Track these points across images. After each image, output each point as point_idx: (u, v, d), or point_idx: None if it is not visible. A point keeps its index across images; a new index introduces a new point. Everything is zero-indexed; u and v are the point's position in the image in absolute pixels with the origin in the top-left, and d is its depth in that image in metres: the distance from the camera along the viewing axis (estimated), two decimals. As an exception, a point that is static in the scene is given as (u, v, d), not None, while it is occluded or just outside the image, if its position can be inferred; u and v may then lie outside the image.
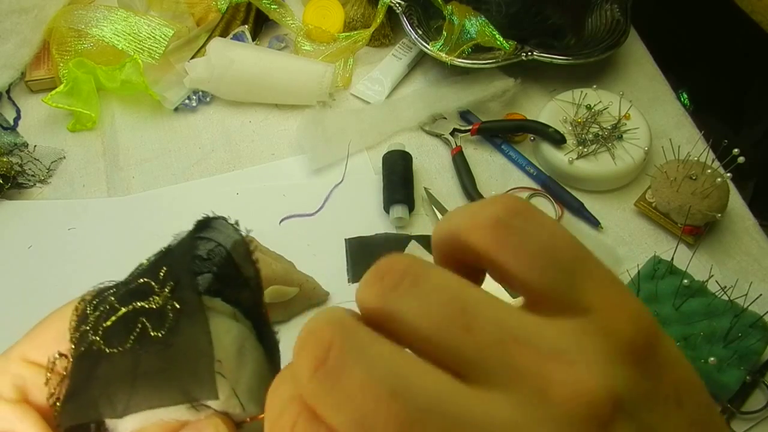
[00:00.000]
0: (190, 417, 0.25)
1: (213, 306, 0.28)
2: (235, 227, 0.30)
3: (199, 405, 0.25)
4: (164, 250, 0.28)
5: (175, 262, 0.27)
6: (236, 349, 0.27)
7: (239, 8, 0.79)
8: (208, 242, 0.29)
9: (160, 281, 0.26)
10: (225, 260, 0.29)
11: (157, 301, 0.26)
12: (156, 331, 0.25)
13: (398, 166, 0.67)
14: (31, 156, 0.70)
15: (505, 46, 0.71)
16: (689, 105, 0.92)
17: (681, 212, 0.61)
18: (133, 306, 0.26)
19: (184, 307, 0.26)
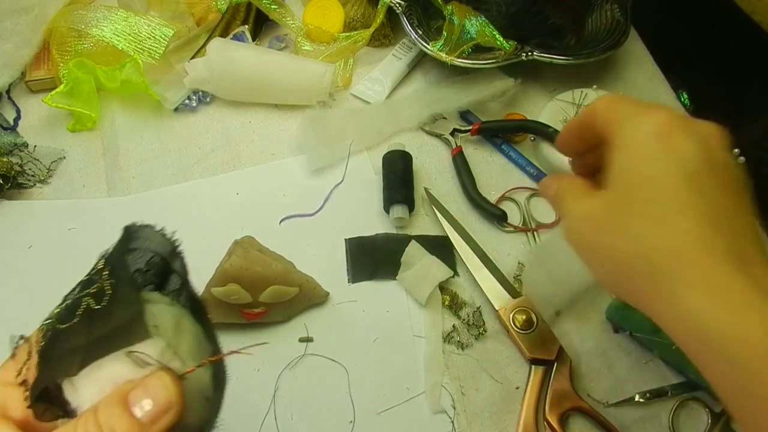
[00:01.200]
0: (137, 374, 0.31)
1: (151, 298, 0.34)
2: (162, 233, 0.35)
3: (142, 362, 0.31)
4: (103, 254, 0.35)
5: (109, 256, 0.34)
6: (173, 324, 0.33)
7: (239, 8, 0.79)
8: (145, 253, 0.36)
9: (97, 272, 0.33)
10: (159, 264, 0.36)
11: (98, 286, 0.32)
12: (98, 305, 0.31)
13: (398, 166, 0.67)
14: (31, 156, 0.70)
15: (505, 46, 0.71)
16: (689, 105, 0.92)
17: (681, 212, 0.61)
18: (78, 293, 0.32)
19: (117, 282, 0.32)
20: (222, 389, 0.34)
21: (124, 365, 0.31)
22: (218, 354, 0.34)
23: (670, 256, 0.34)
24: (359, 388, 0.57)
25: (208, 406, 0.33)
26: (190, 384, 0.32)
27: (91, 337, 0.31)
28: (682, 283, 0.33)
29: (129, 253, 0.35)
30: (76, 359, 0.30)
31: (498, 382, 0.58)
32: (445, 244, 0.64)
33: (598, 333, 0.60)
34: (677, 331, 0.34)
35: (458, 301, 0.61)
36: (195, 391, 0.32)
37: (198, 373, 0.32)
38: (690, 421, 0.56)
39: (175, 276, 0.36)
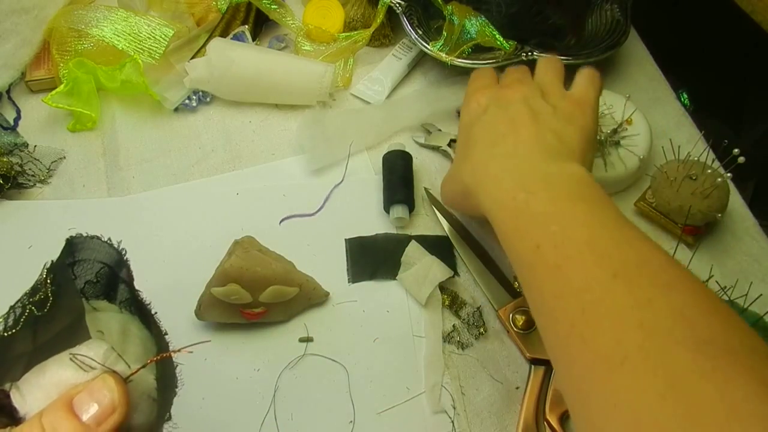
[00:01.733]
0: (81, 378, 0.32)
1: (99, 306, 0.36)
2: (109, 243, 0.37)
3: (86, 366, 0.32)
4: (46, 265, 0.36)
5: (52, 265, 0.35)
6: (120, 330, 0.35)
7: (239, 8, 0.79)
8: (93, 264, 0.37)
9: (43, 282, 0.34)
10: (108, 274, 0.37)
11: (42, 293, 0.33)
12: (40, 311, 0.32)
13: (398, 166, 0.67)
14: (31, 156, 0.70)
15: (505, 46, 0.71)
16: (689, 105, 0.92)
17: (681, 212, 0.61)
18: (21, 302, 0.33)
19: (59, 290, 0.33)
20: (168, 390, 0.34)
21: (67, 369, 0.32)
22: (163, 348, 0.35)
23: (472, 177, 0.53)
24: (359, 388, 0.57)
25: (155, 406, 0.34)
26: (135, 386, 0.33)
27: (36, 344, 0.32)
28: (480, 191, 0.51)
29: (77, 264, 0.37)
30: (21, 365, 0.31)
31: (498, 382, 0.58)
32: (445, 244, 0.64)
33: (598, 333, 0.60)
34: (484, 215, 0.50)
35: (458, 301, 0.61)
36: (140, 393, 0.33)
37: (142, 375, 0.33)
38: (690, 421, 0.56)
39: (122, 285, 0.38)
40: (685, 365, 0.33)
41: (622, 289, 0.38)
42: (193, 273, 0.58)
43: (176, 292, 0.61)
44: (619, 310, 0.37)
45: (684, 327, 0.35)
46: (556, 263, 0.42)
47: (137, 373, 0.33)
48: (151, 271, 0.63)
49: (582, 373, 0.38)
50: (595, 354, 0.37)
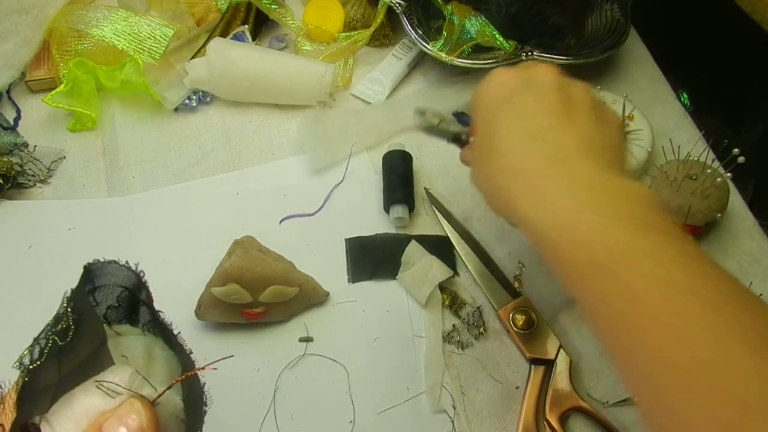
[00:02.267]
0: (109, 405, 0.32)
1: (122, 330, 0.36)
2: (126, 266, 0.37)
3: (112, 392, 0.32)
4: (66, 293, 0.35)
5: (71, 295, 0.35)
6: (145, 353, 0.35)
7: (239, 8, 0.79)
8: (113, 288, 0.37)
9: (64, 311, 0.34)
10: (128, 297, 0.37)
11: (64, 323, 0.33)
12: (63, 341, 0.32)
13: (398, 166, 0.67)
14: (31, 156, 0.70)
15: (505, 46, 0.71)
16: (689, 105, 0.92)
17: (681, 212, 0.61)
18: (45, 333, 0.33)
19: (80, 318, 0.33)
20: (197, 409, 0.35)
21: (95, 397, 0.32)
22: (189, 367, 0.35)
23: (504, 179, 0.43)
24: (359, 388, 0.57)
25: (183, 426, 0.34)
26: (163, 408, 0.33)
27: (62, 374, 0.32)
28: (521, 202, 0.41)
29: (98, 290, 0.37)
30: (48, 396, 0.32)
31: (498, 382, 0.58)
32: (445, 244, 0.64)
33: (598, 333, 0.60)
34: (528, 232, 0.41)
35: (458, 301, 0.61)
36: (168, 414, 0.33)
37: (170, 396, 0.33)
38: (690, 421, 0.56)
39: (143, 307, 0.38)
40: None
41: (748, 353, 0.31)
42: (193, 273, 0.58)
43: (176, 292, 0.61)
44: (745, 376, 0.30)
45: None
46: (664, 318, 0.33)
47: (164, 395, 0.33)
48: (151, 271, 0.63)
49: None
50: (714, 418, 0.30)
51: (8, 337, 0.60)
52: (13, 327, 0.60)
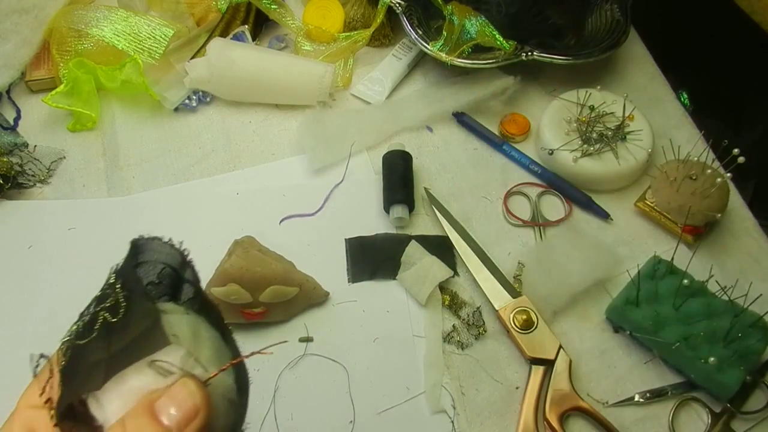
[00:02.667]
0: (160, 383, 0.31)
1: (166, 308, 0.35)
2: (170, 244, 0.37)
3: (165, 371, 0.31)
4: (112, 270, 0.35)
5: (120, 270, 0.34)
6: (191, 333, 0.34)
7: (239, 8, 0.79)
8: (155, 265, 0.37)
9: (110, 287, 0.33)
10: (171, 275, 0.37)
11: (113, 299, 0.32)
12: (114, 318, 0.32)
13: (398, 166, 0.67)
14: (31, 156, 0.70)
15: (505, 46, 0.71)
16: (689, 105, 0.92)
17: (681, 212, 0.61)
18: (94, 308, 0.32)
19: (131, 295, 0.33)
20: (246, 391, 0.34)
21: (147, 376, 0.31)
22: (237, 357, 0.35)
23: None
24: (359, 388, 0.57)
25: (233, 409, 0.34)
26: (214, 389, 0.32)
27: (111, 351, 0.31)
28: None
29: (140, 266, 0.36)
30: (99, 373, 0.31)
31: (498, 382, 0.58)
32: (445, 244, 0.64)
33: (598, 333, 0.60)
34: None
35: (458, 300, 0.61)
36: (219, 396, 0.33)
37: (221, 378, 0.33)
38: (690, 421, 0.56)
39: (187, 285, 0.37)
40: None
41: None
42: (193, 273, 0.58)
43: (176, 292, 0.61)
44: None
45: None
46: None
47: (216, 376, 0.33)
48: (151, 271, 0.63)
49: None
50: None
51: (9, 337, 0.60)
52: (13, 327, 0.60)
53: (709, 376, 0.54)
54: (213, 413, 0.32)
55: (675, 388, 0.57)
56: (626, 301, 0.57)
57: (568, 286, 0.60)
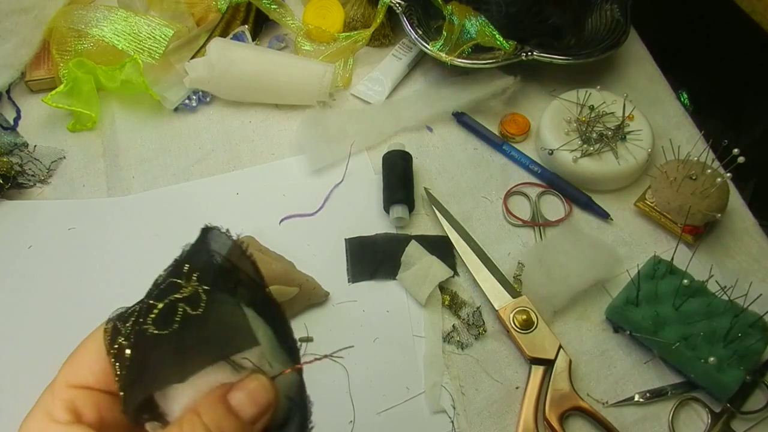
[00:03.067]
0: (233, 378, 0.31)
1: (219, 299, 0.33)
2: (227, 234, 0.35)
3: (239, 366, 0.31)
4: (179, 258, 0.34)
5: (193, 259, 0.33)
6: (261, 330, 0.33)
7: (239, 8, 0.79)
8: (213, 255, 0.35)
9: (184, 276, 0.32)
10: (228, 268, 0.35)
11: (188, 290, 0.31)
12: (194, 311, 0.31)
13: (398, 166, 0.67)
14: (31, 156, 0.70)
15: (505, 46, 0.71)
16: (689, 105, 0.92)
17: (681, 212, 0.61)
18: (169, 299, 0.31)
19: (212, 289, 0.32)
20: (305, 391, 0.34)
21: (224, 370, 0.31)
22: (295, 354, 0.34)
23: None
24: (359, 388, 0.57)
25: (294, 407, 0.34)
26: (279, 386, 0.32)
27: (188, 344, 0.31)
28: None
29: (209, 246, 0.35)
30: (178, 366, 0.30)
31: (498, 382, 0.58)
32: (445, 244, 0.64)
33: (598, 333, 0.60)
34: None
35: (458, 300, 0.61)
36: (282, 394, 0.33)
37: (284, 376, 0.33)
38: (690, 421, 0.56)
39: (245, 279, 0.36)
40: None
41: None
42: (193, 273, 0.58)
43: (176, 292, 0.61)
44: None
45: None
46: None
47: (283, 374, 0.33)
48: (151, 271, 0.63)
49: None
50: None
51: (9, 336, 0.60)
52: (13, 327, 0.60)
53: (709, 376, 0.54)
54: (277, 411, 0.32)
55: (675, 388, 0.57)
56: (626, 301, 0.57)
57: (568, 286, 0.60)
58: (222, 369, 0.31)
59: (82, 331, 0.64)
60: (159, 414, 0.31)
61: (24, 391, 0.57)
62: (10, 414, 0.56)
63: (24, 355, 0.59)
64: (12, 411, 0.56)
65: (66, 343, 0.64)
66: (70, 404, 0.31)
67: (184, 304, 0.31)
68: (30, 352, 0.59)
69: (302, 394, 0.34)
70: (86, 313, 0.61)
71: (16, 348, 0.59)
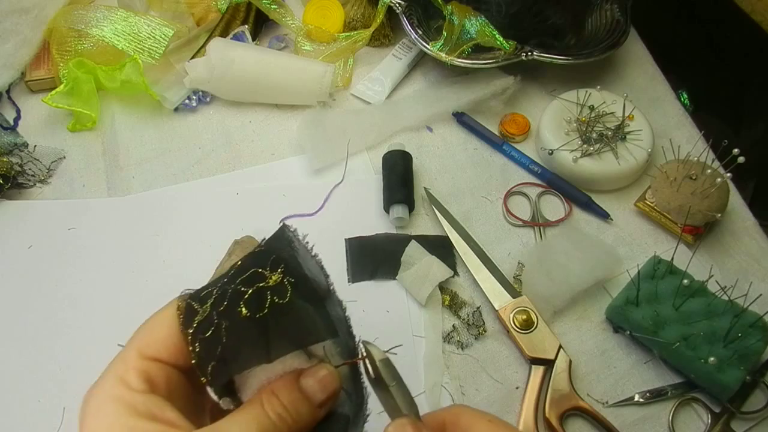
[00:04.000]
0: (305, 365, 0.34)
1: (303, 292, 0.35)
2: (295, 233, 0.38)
3: (312, 355, 0.34)
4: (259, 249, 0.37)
5: (278, 252, 0.36)
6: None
7: (239, 8, 0.79)
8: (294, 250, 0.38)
9: (269, 266, 0.35)
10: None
11: (275, 280, 0.34)
12: (281, 300, 0.33)
13: (398, 166, 0.67)
14: (31, 156, 0.70)
15: (505, 46, 0.71)
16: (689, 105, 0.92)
17: (681, 212, 0.61)
18: (257, 286, 0.34)
19: (297, 281, 0.34)
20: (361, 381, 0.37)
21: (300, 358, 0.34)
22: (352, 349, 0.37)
23: None
24: (359, 388, 0.57)
25: (349, 398, 0.36)
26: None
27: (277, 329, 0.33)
28: None
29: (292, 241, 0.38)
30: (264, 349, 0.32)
31: (498, 382, 0.58)
32: (445, 244, 0.64)
33: (598, 333, 0.60)
34: None
35: (458, 300, 0.61)
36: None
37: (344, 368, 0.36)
38: (690, 421, 0.56)
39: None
40: None
41: None
42: (193, 273, 0.58)
43: (176, 292, 0.61)
44: None
45: None
46: None
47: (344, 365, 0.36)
48: (151, 271, 0.63)
49: None
50: None
51: (9, 336, 0.60)
52: (13, 327, 0.60)
53: (709, 376, 0.54)
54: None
55: (675, 388, 0.57)
56: (626, 301, 0.57)
57: (568, 286, 0.60)
58: (298, 356, 0.34)
59: (81, 331, 0.65)
60: (231, 390, 0.33)
61: (24, 391, 0.57)
62: (9, 414, 0.56)
63: (24, 355, 0.59)
64: (11, 411, 0.56)
65: (66, 343, 0.64)
66: (145, 374, 0.32)
67: (271, 292, 0.33)
68: (30, 352, 0.59)
69: (357, 385, 0.37)
70: (86, 313, 0.61)
71: (16, 348, 0.59)
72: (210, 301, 0.34)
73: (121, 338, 0.60)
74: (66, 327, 0.60)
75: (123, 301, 0.62)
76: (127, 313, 0.60)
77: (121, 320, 0.60)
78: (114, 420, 0.30)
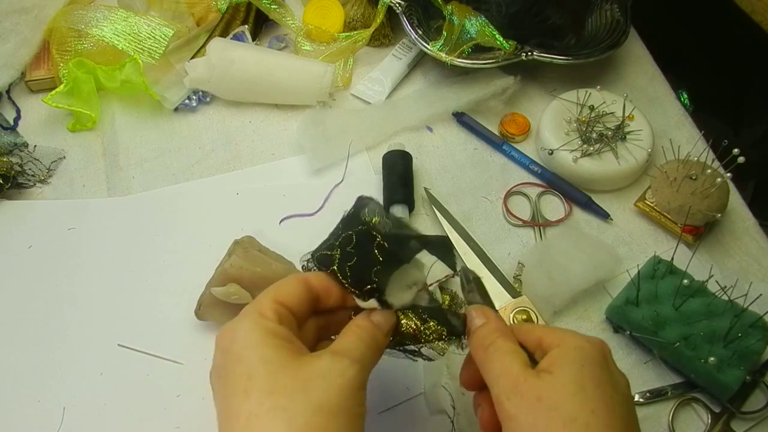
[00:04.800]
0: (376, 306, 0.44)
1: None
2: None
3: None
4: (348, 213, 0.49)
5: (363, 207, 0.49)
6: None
7: (239, 8, 0.79)
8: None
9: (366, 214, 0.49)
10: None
11: (376, 221, 0.48)
12: (386, 230, 0.47)
13: (398, 166, 0.67)
14: (31, 156, 0.70)
15: (505, 46, 0.71)
16: (689, 105, 0.92)
17: (681, 212, 0.61)
18: (367, 224, 0.47)
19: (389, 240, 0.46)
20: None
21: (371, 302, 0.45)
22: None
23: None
24: (359, 388, 0.57)
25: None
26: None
27: (390, 249, 0.45)
28: None
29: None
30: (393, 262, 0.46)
31: (498, 382, 0.57)
32: (445, 244, 0.64)
33: (598, 333, 0.60)
34: None
35: (458, 301, 0.61)
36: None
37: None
38: (690, 421, 0.56)
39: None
40: None
41: None
42: (193, 273, 0.58)
43: (176, 292, 0.61)
44: None
45: None
46: None
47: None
48: (151, 271, 0.63)
49: None
50: None
51: (9, 336, 0.60)
52: (13, 326, 0.60)
53: (709, 376, 0.54)
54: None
55: (675, 388, 0.57)
56: (626, 301, 0.57)
57: (568, 286, 0.60)
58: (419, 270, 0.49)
59: (81, 331, 0.64)
60: (383, 300, 0.44)
61: (24, 391, 0.57)
62: (9, 414, 0.56)
63: (24, 355, 0.59)
64: (11, 411, 0.56)
65: (66, 342, 0.64)
66: (277, 314, 0.41)
67: (377, 230, 0.46)
68: (30, 352, 0.59)
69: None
70: (86, 313, 0.61)
71: (16, 348, 0.59)
72: (337, 247, 0.47)
73: (121, 338, 0.60)
74: (66, 327, 0.60)
75: (123, 301, 0.62)
76: (127, 313, 0.61)
77: (121, 320, 0.61)
78: (261, 339, 0.39)
